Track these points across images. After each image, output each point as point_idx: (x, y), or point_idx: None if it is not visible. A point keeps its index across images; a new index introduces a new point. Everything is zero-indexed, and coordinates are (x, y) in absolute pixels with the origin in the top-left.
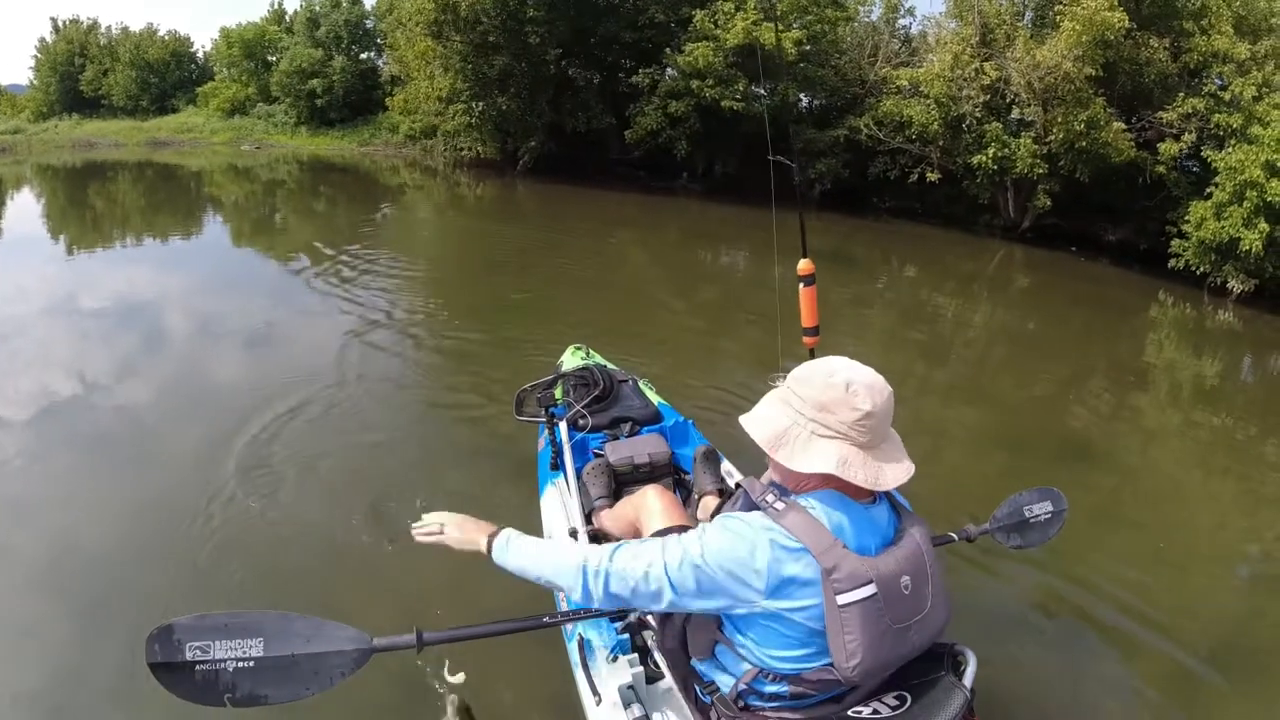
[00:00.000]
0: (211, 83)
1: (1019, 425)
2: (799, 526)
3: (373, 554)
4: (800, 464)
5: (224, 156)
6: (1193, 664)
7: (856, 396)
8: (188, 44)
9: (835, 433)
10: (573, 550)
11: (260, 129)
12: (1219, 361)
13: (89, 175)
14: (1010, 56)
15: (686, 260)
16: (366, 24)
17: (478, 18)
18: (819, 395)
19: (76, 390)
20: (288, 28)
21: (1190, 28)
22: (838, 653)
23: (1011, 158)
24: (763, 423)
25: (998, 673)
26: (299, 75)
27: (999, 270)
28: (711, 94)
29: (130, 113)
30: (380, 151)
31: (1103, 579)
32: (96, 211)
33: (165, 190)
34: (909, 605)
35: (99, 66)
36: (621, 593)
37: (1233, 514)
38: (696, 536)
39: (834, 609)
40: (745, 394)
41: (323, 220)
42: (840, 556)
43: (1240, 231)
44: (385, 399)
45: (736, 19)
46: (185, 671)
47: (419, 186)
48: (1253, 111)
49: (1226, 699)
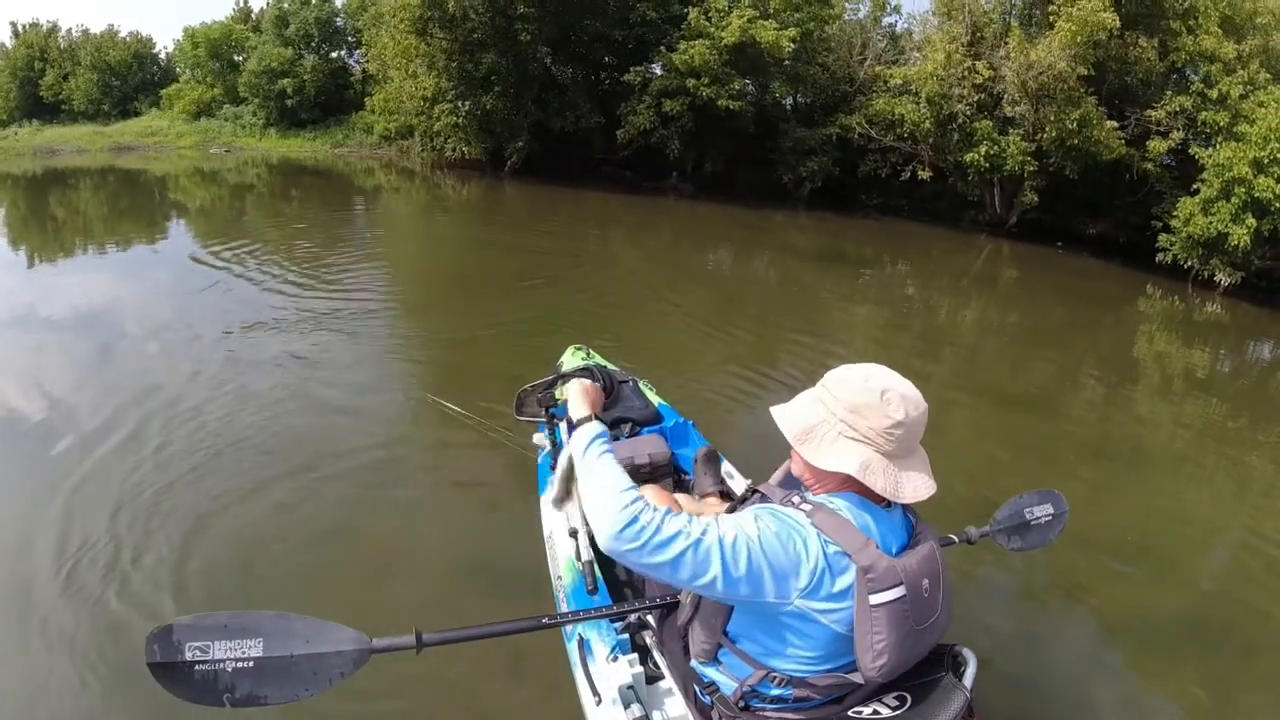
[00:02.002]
0: (176, 85)
1: (1014, 422)
2: (831, 526)
3: (373, 554)
4: (823, 460)
5: (190, 160)
6: (1194, 662)
7: (890, 404)
8: (150, 45)
9: (863, 437)
10: (630, 488)
11: (228, 131)
12: (1211, 353)
13: (50, 184)
14: (1002, 55)
15: (686, 260)
16: (337, 21)
17: (465, 14)
18: (854, 397)
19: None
20: (254, 26)
21: (1177, 27)
22: (864, 653)
23: (1002, 155)
24: (794, 415)
25: (998, 673)
26: (268, 75)
27: (987, 265)
28: (708, 92)
29: (91, 117)
30: (354, 153)
31: (1102, 578)
32: (59, 221)
33: (129, 197)
34: (928, 607)
35: (59, 71)
36: (660, 553)
37: (1233, 510)
38: (751, 518)
39: (865, 608)
40: (746, 394)
41: (305, 229)
42: (875, 556)
43: (1228, 226)
44: (385, 399)
45: (732, 17)
46: (184, 672)
47: (398, 189)
48: (1239, 109)
49: (1228, 697)
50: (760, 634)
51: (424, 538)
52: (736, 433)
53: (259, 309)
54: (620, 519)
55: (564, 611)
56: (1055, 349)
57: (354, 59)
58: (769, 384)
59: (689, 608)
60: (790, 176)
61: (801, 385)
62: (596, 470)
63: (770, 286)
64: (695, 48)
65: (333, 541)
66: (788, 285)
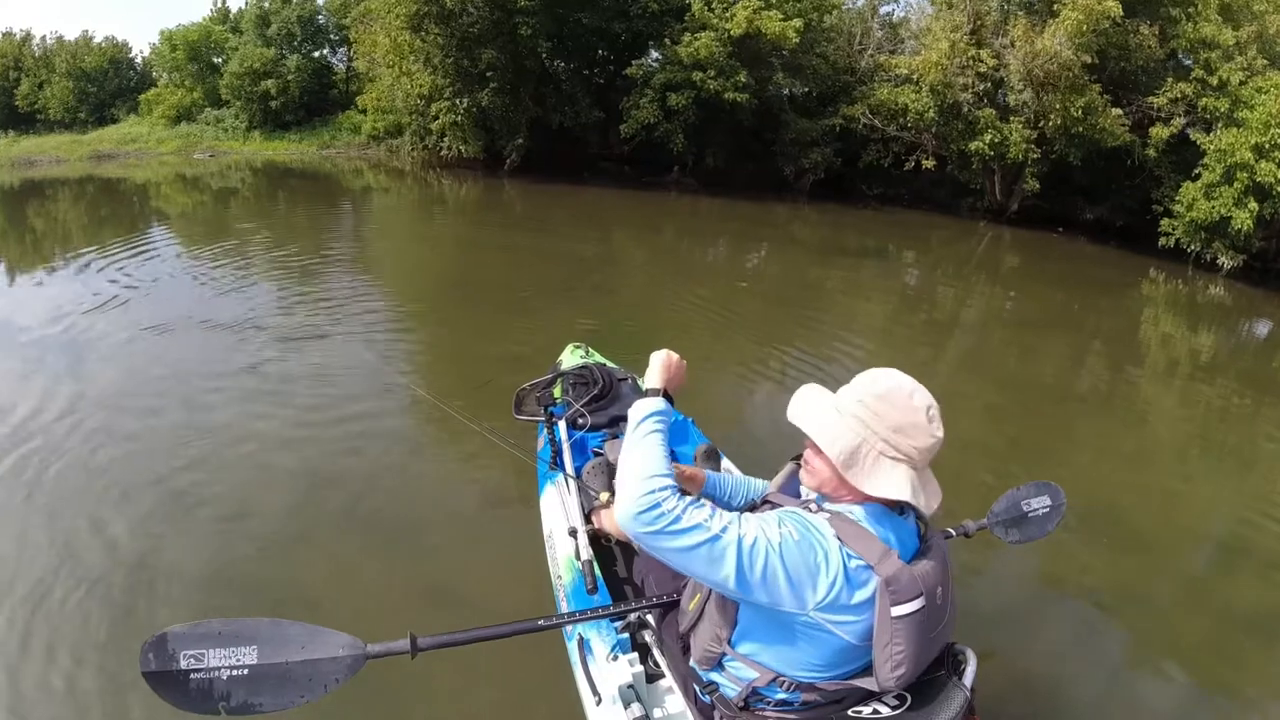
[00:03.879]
0: (154, 89)
1: (1020, 408)
2: (854, 537)
3: (367, 559)
4: (872, 486)
5: (172, 166)
6: (1195, 660)
7: (934, 423)
8: (126, 50)
9: (903, 455)
10: (664, 474)
11: (210, 135)
12: (1218, 334)
13: (29, 195)
14: (1007, 43)
15: (691, 257)
16: (319, 20)
17: (464, 8)
18: (900, 418)
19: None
20: (233, 27)
21: (1177, 14)
22: (883, 664)
23: (1005, 143)
24: (831, 438)
25: (998, 672)
26: (251, 76)
27: (989, 252)
28: (714, 85)
29: (68, 126)
30: (342, 154)
31: (1103, 575)
32: (38, 231)
33: (109, 205)
34: (940, 613)
35: (34, 79)
36: (674, 539)
37: (1240, 500)
38: (775, 523)
39: (886, 620)
40: (746, 391)
41: (320, 244)
42: (897, 567)
43: (1231, 211)
44: (384, 401)
45: (738, 8)
46: (179, 680)
47: (393, 190)
48: (1239, 95)
49: (1229, 696)
50: (770, 640)
51: (422, 538)
52: (736, 429)
53: (250, 311)
54: (643, 501)
55: (563, 612)
56: (1061, 334)
57: (337, 57)
58: (769, 380)
59: (692, 615)
60: (792, 168)
61: (803, 379)
62: (640, 448)
63: (777, 279)
64: (701, 39)
65: (329, 546)
66: (794, 278)
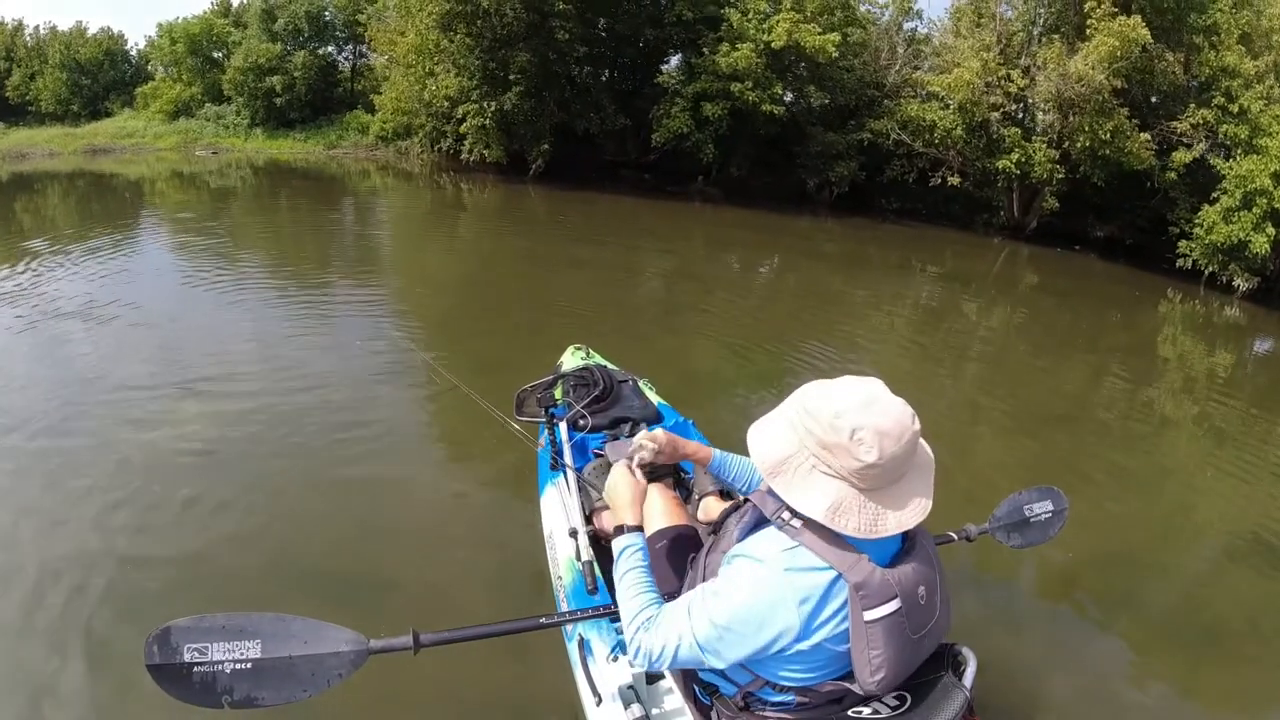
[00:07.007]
0: (151, 83)
1: (1034, 425)
2: (820, 544)
3: (372, 555)
4: (795, 499)
5: (171, 163)
6: (1196, 662)
7: (860, 445)
8: (121, 42)
9: (836, 473)
10: (644, 608)
11: (210, 131)
12: (1235, 354)
13: (20, 189)
14: (1039, 65)
15: (718, 266)
16: (326, 16)
17: (500, 10)
18: (822, 435)
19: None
20: (236, 20)
21: (1200, 42)
22: (861, 668)
23: (1030, 162)
24: (767, 443)
25: (998, 673)
26: (255, 72)
27: (1006, 268)
28: (752, 97)
29: (60, 118)
30: (349, 154)
31: (1103, 577)
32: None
33: (100, 202)
34: (925, 614)
35: (26, 70)
36: (662, 663)
37: (1244, 510)
38: (715, 593)
39: (860, 625)
40: (746, 392)
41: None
42: (867, 571)
43: (1250, 235)
44: (383, 403)
45: (777, 20)
46: (183, 673)
47: (409, 194)
48: (1259, 123)
49: (1231, 695)
50: (760, 660)
51: (423, 538)
52: (736, 431)
53: (267, 315)
54: (631, 648)
55: (564, 611)
56: (1077, 350)
57: (344, 55)
58: (770, 382)
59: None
60: (815, 181)
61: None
62: (621, 592)
63: (798, 290)
64: (740, 50)
65: (331, 542)
66: (817, 288)
